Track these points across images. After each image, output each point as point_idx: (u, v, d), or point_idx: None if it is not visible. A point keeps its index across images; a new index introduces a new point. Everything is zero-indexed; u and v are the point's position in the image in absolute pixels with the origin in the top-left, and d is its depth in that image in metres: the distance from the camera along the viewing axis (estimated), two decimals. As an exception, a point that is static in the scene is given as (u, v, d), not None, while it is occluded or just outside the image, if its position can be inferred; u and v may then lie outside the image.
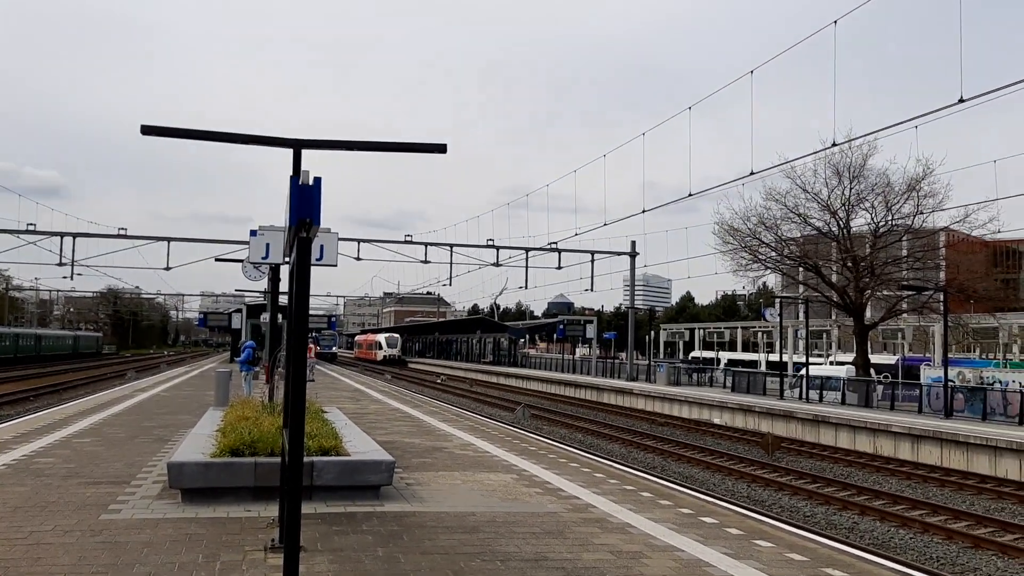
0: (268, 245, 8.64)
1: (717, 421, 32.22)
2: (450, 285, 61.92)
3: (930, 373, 35.91)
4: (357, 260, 46.84)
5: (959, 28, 18.38)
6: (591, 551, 7.21)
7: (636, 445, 25.74)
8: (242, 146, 6.50)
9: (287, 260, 6.80)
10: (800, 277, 41.05)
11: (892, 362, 48.61)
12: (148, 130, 6.35)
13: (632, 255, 49.98)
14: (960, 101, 16.83)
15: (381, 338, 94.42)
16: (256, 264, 14.63)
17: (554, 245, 48.76)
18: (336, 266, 8.43)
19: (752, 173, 25.96)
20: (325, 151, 6.51)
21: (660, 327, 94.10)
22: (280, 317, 21.62)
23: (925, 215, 35.39)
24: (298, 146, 6.21)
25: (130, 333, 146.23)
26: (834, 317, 53.12)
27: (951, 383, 28.82)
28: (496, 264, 49.14)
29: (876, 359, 46.50)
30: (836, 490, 18.35)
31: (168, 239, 44.90)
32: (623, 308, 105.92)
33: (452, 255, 48.48)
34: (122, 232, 44.29)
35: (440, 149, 6.42)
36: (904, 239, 37.19)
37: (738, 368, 47.37)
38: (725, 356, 68.94)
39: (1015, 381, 29.66)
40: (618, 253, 50.87)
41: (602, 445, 25.56)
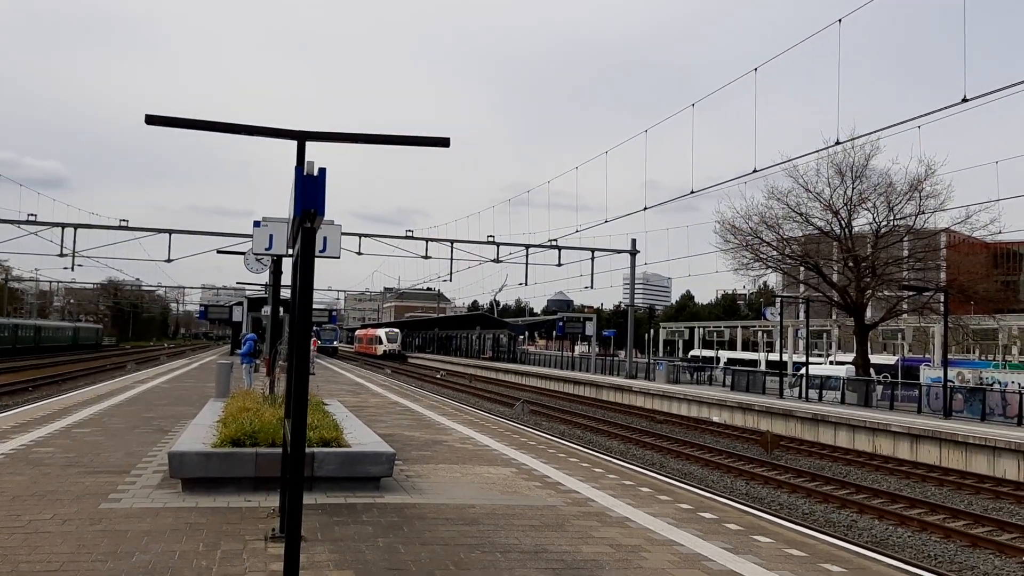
0: (272, 236, 8.62)
1: (716, 419, 32.23)
2: (450, 281, 61.91)
3: (929, 373, 35.90)
4: (358, 255, 46.84)
5: (963, 28, 18.36)
6: (590, 544, 7.22)
7: (635, 442, 25.76)
8: (246, 142, 6.52)
9: (291, 252, 6.81)
10: (801, 276, 41.04)
11: (892, 362, 48.63)
12: (153, 120, 6.34)
13: (632, 253, 49.95)
14: (963, 101, 16.82)
15: (381, 333, 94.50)
16: (259, 256, 14.63)
17: (554, 242, 48.77)
18: (339, 258, 8.42)
19: (755, 171, 25.94)
20: (329, 144, 6.51)
21: (660, 325, 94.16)
22: (281, 310, 21.64)
23: (927, 216, 35.43)
24: (302, 138, 6.21)
25: (130, 325, 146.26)
26: (834, 317, 53.11)
27: (950, 383, 28.84)
28: (496, 260, 49.17)
29: (876, 359, 46.52)
30: (835, 488, 18.37)
31: (169, 231, 44.86)
32: (623, 306, 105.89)
33: (452, 251, 48.48)
34: (123, 224, 44.28)
35: (443, 143, 6.42)
36: (905, 239, 37.18)
37: (738, 367, 47.38)
38: (725, 355, 68.95)
39: (1014, 382, 29.65)
40: (618, 251, 50.85)
41: (601, 441, 25.59)
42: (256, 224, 8.59)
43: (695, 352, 78.17)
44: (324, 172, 5.62)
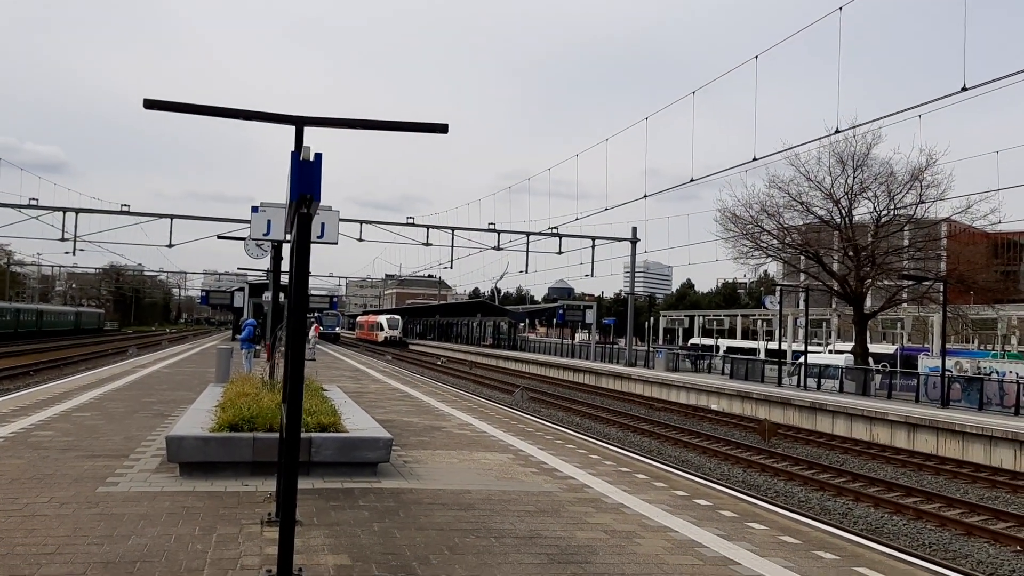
0: (269, 222, 8.64)
1: (714, 407, 32.30)
2: (451, 268, 62.02)
3: (928, 363, 35.94)
4: (359, 241, 46.86)
5: (963, 16, 18.28)
6: (585, 530, 7.26)
7: (633, 429, 25.84)
8: (247, 128, 6.51)
9: (289, 237, 6.82)
10: (801, 265, 41.01)
11: (891, 352, 48.64)
12: (151, 104, 6.34)
13: (633, 241, 49.94)
14: (963, 89, 16.78)
15: (383, 319, 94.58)
16: (258, 241, 14.65)
17: (555, 230, 48.76)
18: (337, 243, 8.45)
19: (755, 159, 25.92)
20: (329, 129, 6.51)
21: (660, 314, 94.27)
22: (282, 295, 21.65)
23: (927, 205, 35.38)
24: (301, 123, 6.20)
25: (132, 310, 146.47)
26: (834, 306, 53.19)
27: (949, 373, 28.89)
28: (497, 248, 49.19)
29: (875, 348, 46.53)
30: (831, 476, 18.44)
31: (171, 216, 44.89)
32: (623, 294, 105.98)
33: (453, 238, 48.54)
34: (125, 209, 44.27)
35: (442, 129, 6.42)
36: (906, 229, 37.15)
37: (737, 355, 47.45)
38: (724, 343, 69.00)
39: (1012, 372, 29.69)
40: (619, 239, 50.85)
41: (599, 428, 25.67)
42: (254, 210, 8.60)
43: (695, 340, 78.25)
44: (320, 157, 5.62)
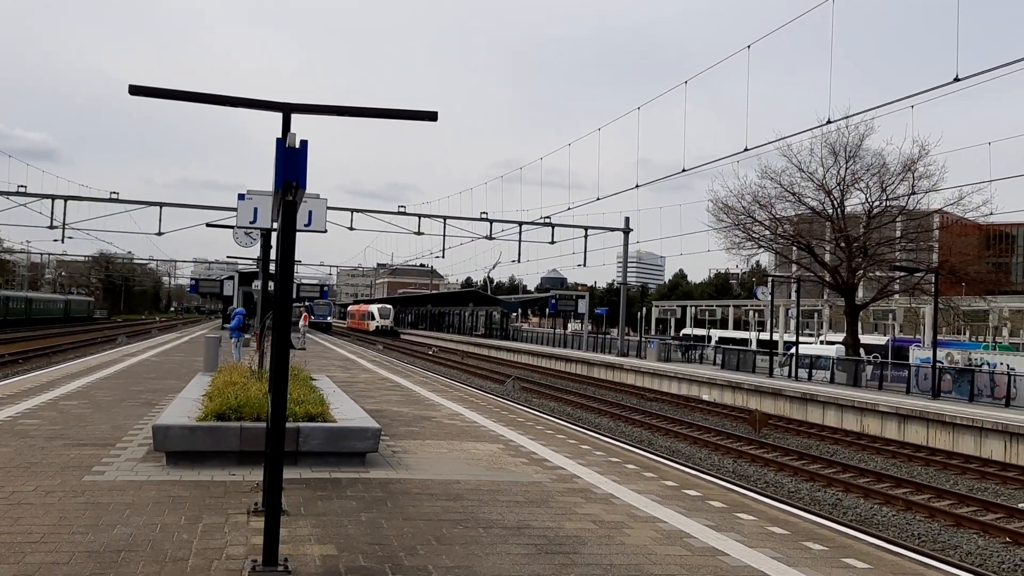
0: (256, 210, 8.54)
1: (706, 397, 32.35)
2: (443, 257, 61.99)
3: (919, 354, 36.01)
4: (350, 230, 46.68)
5: (956, 6, 18.19)
6: (573, 520, 7.23)
7: (624, 419, 25.85)
8: (240, 115, 6.41)
9: (275, 225, 6.73)
10: (793, 256, 41.06)
11: (882, 343, 48.76)
12: (136, 90, 6.24)
13: (626, 231, 49.91)
14: (955, 80, 16.74)
15: (374, 309, 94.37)
16: (246, 229, 14.53)
17: (548, 219, 48.68)
18: (325, 232, 8.36)
19: (746, 149, 25.84)
20: (317, 116, 6.43)
21: (652, 304, 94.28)
22: (271, 284, 21.54)
23: (919, 196, 35.38)
24: (288, 110, 6.12)
25: (122, 298, 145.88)
26: (825, 297, 53.27)
27: (940, 364, 28.96)
28: (489, 237, 49.09)
29: (867, 339, 46.61)
30: (821, 467, 18.47)
31: (160, 204, 44.66)
32: (616, 284, 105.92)
33: (445, 227, 48.39)
34: (114, 196, 44.00)
35: (431, 117, 6.34)
36: (898, 220, 37.18)
37: (728, 346, 47.51)
38: (716, 334, 69.05)
39: (1003, 363, 29.78)
40: (612, 229, 50.81)
41: (590, 418, 25.66)
42: (241, 197, 8.50)
43: (687, 331, 78.24)
44: (306, 144, 5.55)
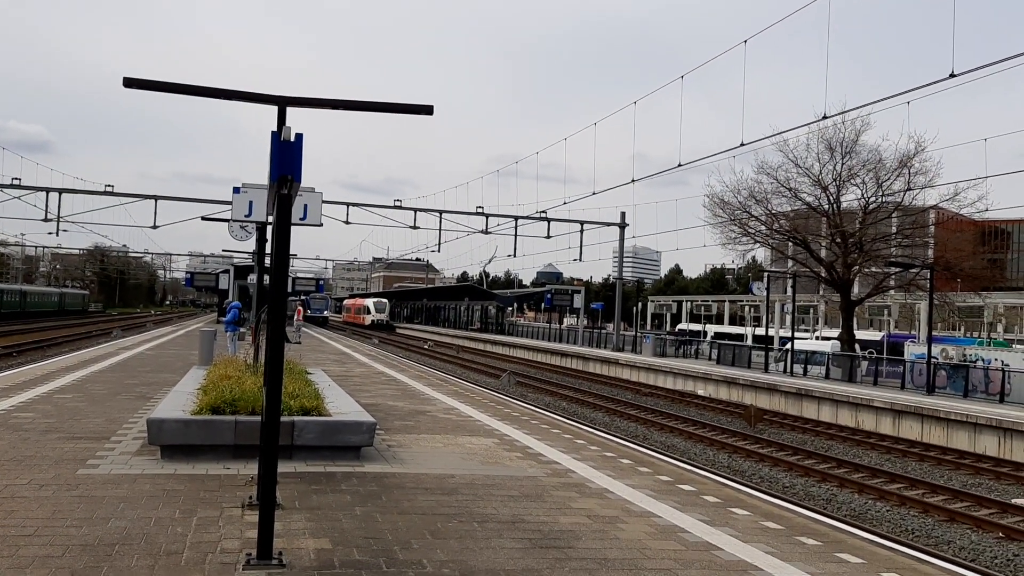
0: (251, 203, 8.53)
1: (701, 392, 32.38)
2: (439, 251, 61.75)
3: (914, 350, 36.10)
4: (346, 224, 46.57)
5: (952, 2, 18.19)
6: (568, 515, 7.24)
7: (619, 414, 25.88)
8: (235, 108, 6.39)
9: (271, 219, 6.72)
10: (789, 252, 41.08)
11: (878, 338, 48.87)
12: (131, 83, 6.21)
13: (621, 226, 49.89)
14: (951, 76, 16.74)
15: (370, 303, 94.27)
16: (241, 223, 14.50)
17: (543, 214, 48.65)
18: (321, 225, 8.36)
19: (743, 144, 25.83)
20: (313, 112, 6.40)
21: (648, 299, 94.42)
22: (267, 278, 21.51)
23: (915, 192, 35.42)
24: (283, 103, 6.09)
25: (117, 291, 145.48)
26: (821, 292, 53.31)
27: (934, 360, 29.02)
28: (485, 231, 49.03)
29: (862, 335, 46.74)
30: (816, 462, 18.51)
31: (155, 197, 44.47)
32: (611, 279, 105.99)
33: (441, 221, 48.32)
34: (109, 189, 43.85)
35: (427, 110, 6.33)
36: (893, 216, 37.22)
37: (724, 341, 47.57)
38: (712, 329, 69.18)
39: (997, 359, 29.87)
40: (608, 224, 50.77)
41: (586, 413, 25.70)
42: (235, 191, 8.49)
43: (682, 326, 78.43)
44: (301, 138, 5.54)
